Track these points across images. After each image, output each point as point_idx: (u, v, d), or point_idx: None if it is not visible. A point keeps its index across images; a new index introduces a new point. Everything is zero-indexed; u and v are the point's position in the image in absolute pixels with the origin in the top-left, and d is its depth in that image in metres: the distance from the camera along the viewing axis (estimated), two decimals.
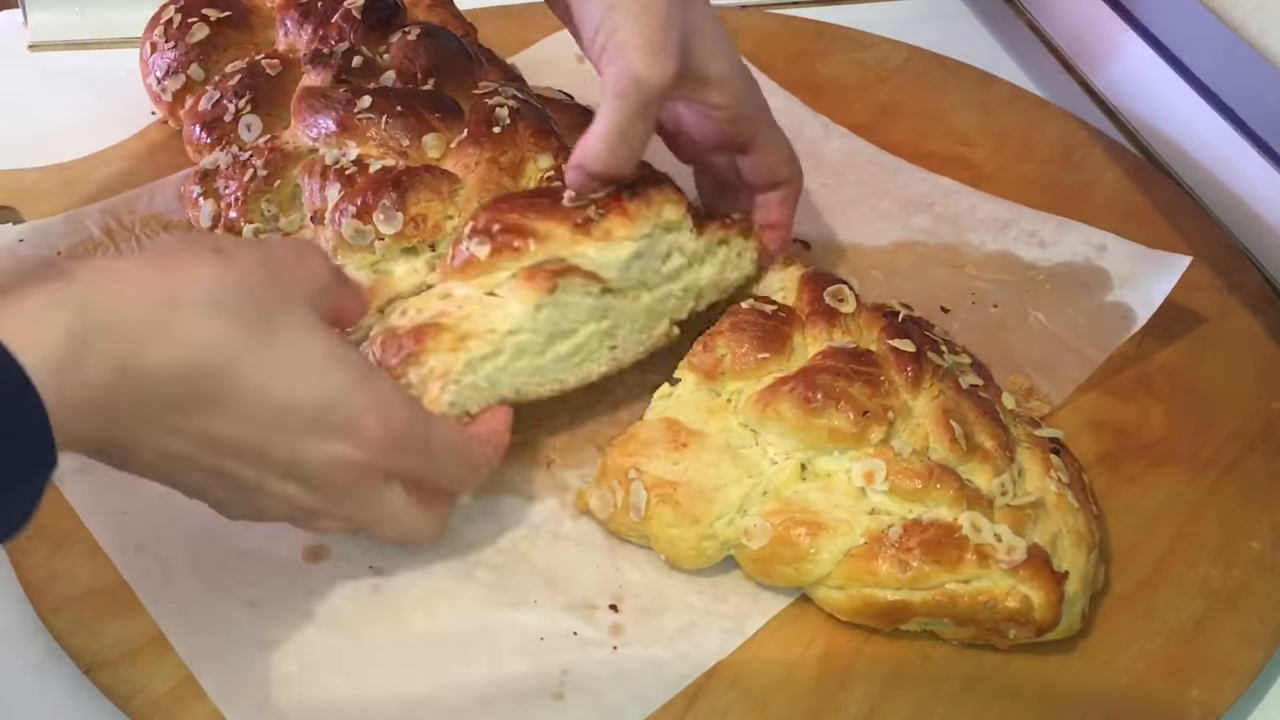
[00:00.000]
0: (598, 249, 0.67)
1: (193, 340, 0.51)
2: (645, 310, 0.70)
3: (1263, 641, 0.65)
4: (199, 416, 0.52)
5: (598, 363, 0.69)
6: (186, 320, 0.50)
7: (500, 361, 0.65)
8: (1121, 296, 0.83)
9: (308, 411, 0.54)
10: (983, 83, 1.04)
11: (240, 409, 0.53)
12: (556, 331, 0.67)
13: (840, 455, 0.66)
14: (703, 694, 0.62)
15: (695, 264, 0.71)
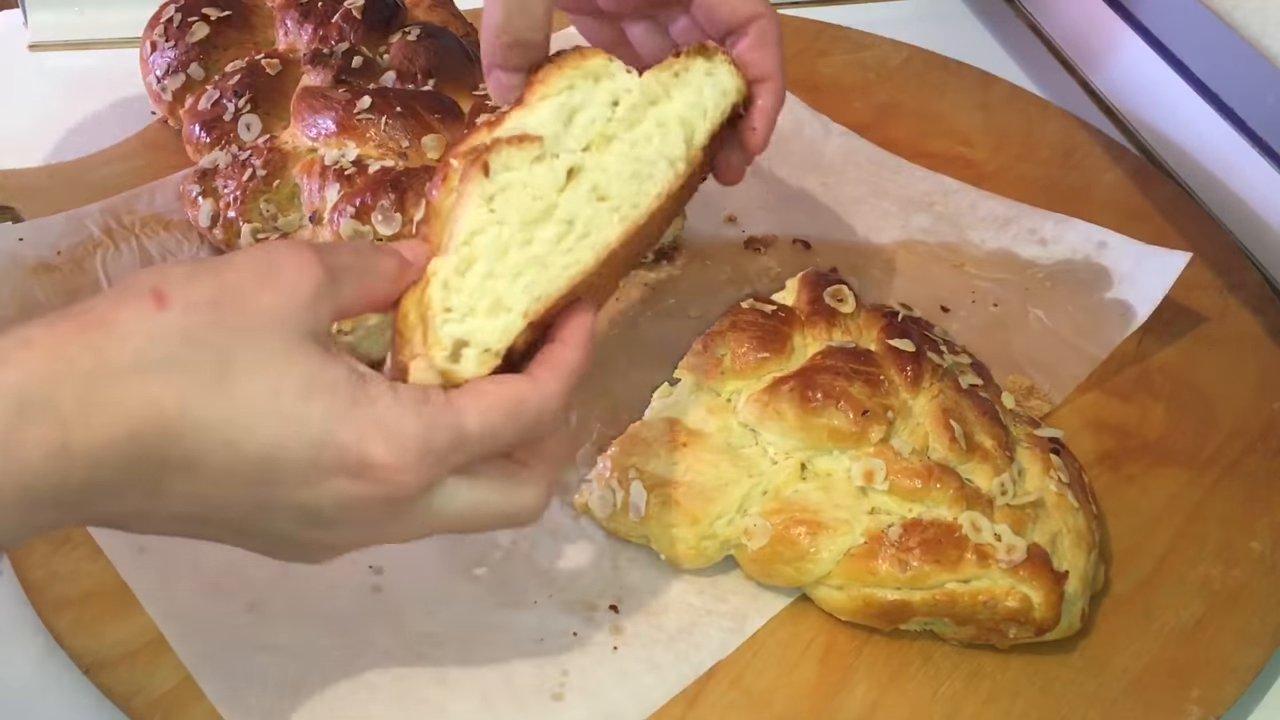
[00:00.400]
0: (516, 118, 0.59)
1: (127, 409, 0.44)
2: (628, 159, 0.61)
3: (1263, 641, 0.65)
4: (174, 482, 0.46)
5: (609, 226, 0.60)
6: (117, 387, 0.44)
7: (481, 268, 0.56)
8: (1122, 293, 0.83)
9: (293, 459, 0.47)
10: (983, 82, 1.04)
11: (215, 469, 0.46)
12: (529, 215, 0.58)
13: (840, 455, 0.65)
14: (703, 694, 0.62)
15: (659, 100, 0.62)
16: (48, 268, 0.80)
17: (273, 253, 0.50)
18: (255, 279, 0.48)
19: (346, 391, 0.48)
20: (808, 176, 0.93)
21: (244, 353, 0.46)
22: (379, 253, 0.53)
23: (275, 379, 0.47)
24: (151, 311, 0.46)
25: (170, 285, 0.47)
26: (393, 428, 0.48)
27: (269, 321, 0.47)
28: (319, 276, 0.49)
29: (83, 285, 0.79)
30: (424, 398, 0.50)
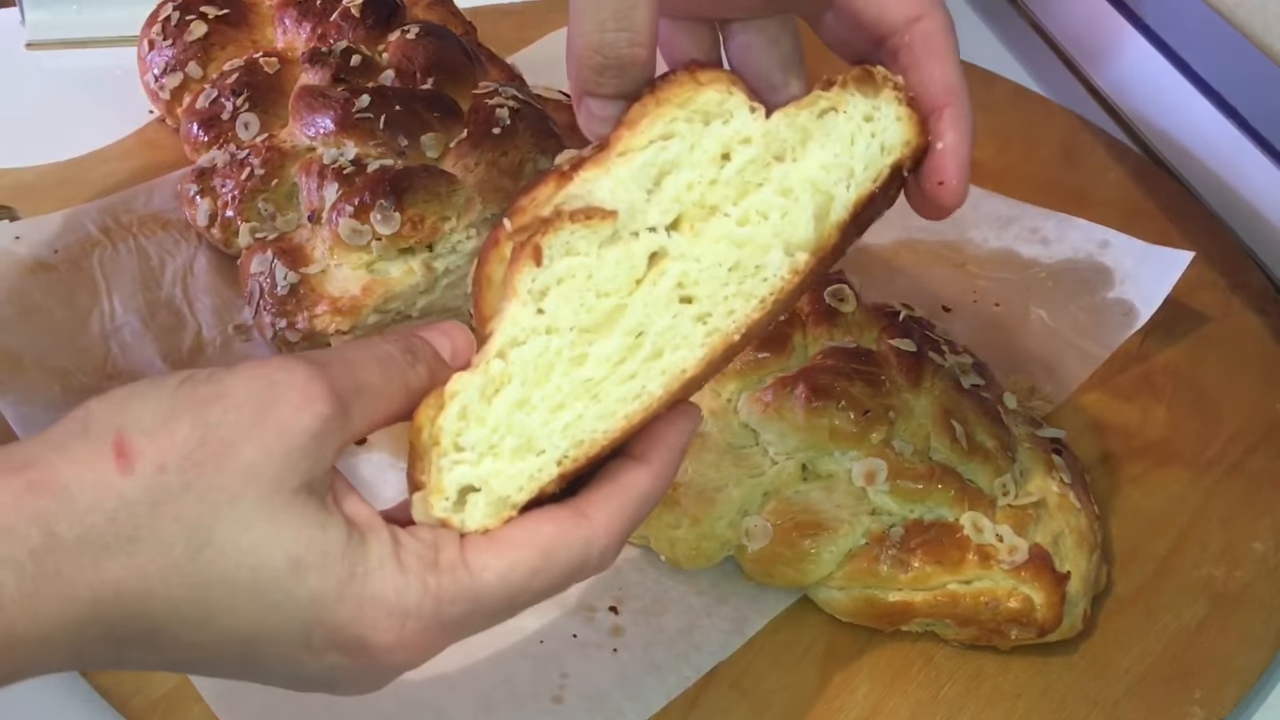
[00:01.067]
0: (588, 175, 0.45)
1: (80, 594, 0.38)
2: (727, 242, 0.46)
3: (1266, 642, 0.65)
4: (139, 654, 0.40)
5: (690, 346, 0.45)
6: (71, 567, 0.38)
7: (512, 395, 0.44)
8: (1124, 293, 0.82)
9: (277, 641, 0.41)
10: (985, 82, 1.03)
11: (186, 646, 0.40)
12: (587, 320, 0.44)
13: (841, 455, 0.65)
14: (703, 696, 0.62)
15: (787, 154, 0.46)
16: (45, 267, 0.80)
17: (274, 383, 0.41)
18: (246, 421, 0.40)
19: (341, 565, 0.41)
20: None
21: (221, 524, 0.39)
22: (409, 364, 0.44)
23: (258, 554, 0.40)
24: (113, 475, 0.38)
25: (137, 435, 0.39)
26: (395, 606, 0.41)
27: (254, 481, 0.40)
28: (326, 413, 0.41)
29: (80, 284, 0.79)
30: (433, 561, 0.42)
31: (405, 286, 0.73)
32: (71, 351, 0.75)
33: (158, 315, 0.78)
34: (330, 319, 0.73)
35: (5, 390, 0.73)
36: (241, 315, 0.78)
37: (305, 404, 0.41)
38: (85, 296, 0.79)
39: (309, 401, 0.41)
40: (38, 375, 0.74)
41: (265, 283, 0.75)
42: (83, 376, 0.74)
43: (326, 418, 0.41)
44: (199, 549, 0.39)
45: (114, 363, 0.75)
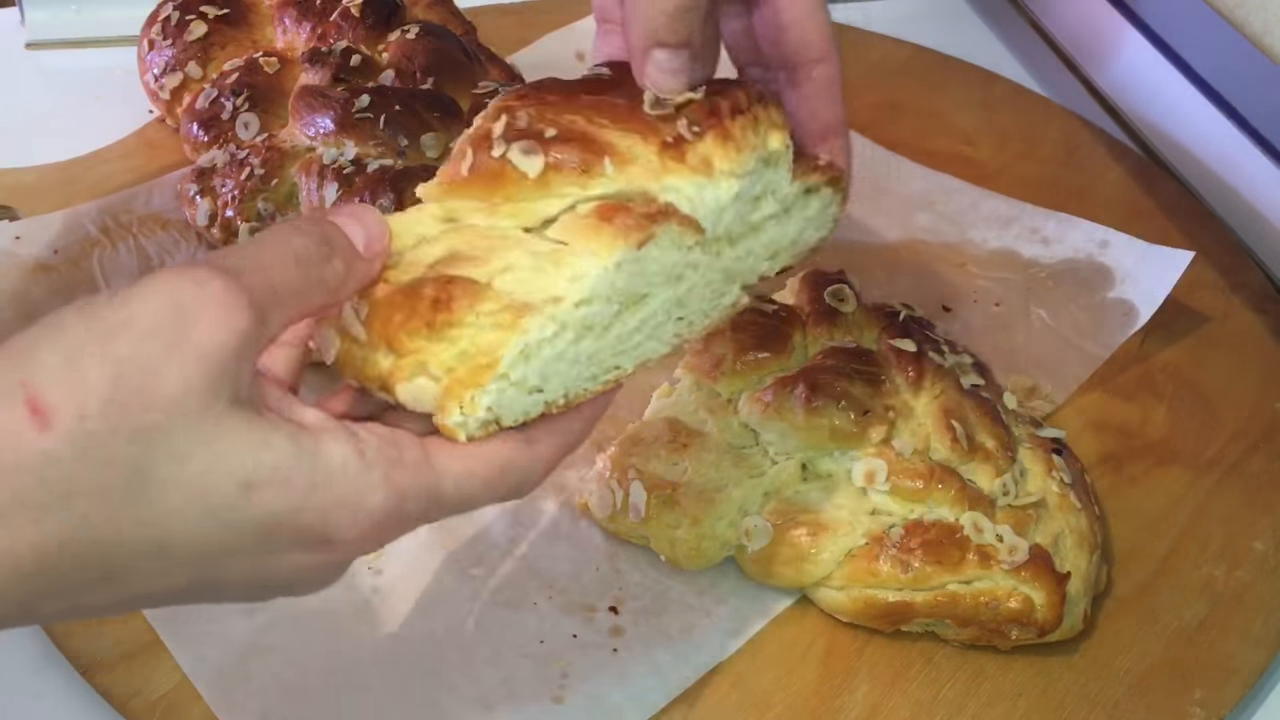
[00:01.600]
0: (695, 184, 0.49)
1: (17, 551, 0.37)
2: (722, 271, 0.53)
3: (1266, 642, 0.65)
4: (94, 595, 0.39)
5: (661, 340, 0.51)
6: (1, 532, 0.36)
7: (559, 346, 0.46)
8: (1124, 293, 0.82)
9: (240, 552, 0.40)
10: (984, 81, 1.03)
11: (143, 576, 0.39)
12: (628, 300, 0.49)
13: (841, 455, 0.65)
14: (703, 696, 0.62)
15: (783, 215, 0.54)
16: (45, 267, 0.80)
17: (184, 304, 0.38)
18: (159, 349, 0.38)
19: (298, 477, 0.40)
20: None
21: (158, 461, 0.38)
22: (326, 257, 0.43)
23: (203, 483, 0.39)
24: (32, 434, 0.36)
25: (47, 386, 0.37)
26: (359, 505, 0.41)
27: (181, 410, 0.38)
28: (245, 328, 0.39)
29: (80, 284, 0.79)
30: (398, 458, 0.43)
31: None
32: None
33: None
34: None
35: None
36: None
37: (223, 322, 0.39)
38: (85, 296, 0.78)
39: (226, 318, 0.39)
40: None
41: None
42: None
43: (246, 332, 0.39)
44: (140, 490, 0.38)
45: None
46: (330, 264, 0.43)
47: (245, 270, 0.40)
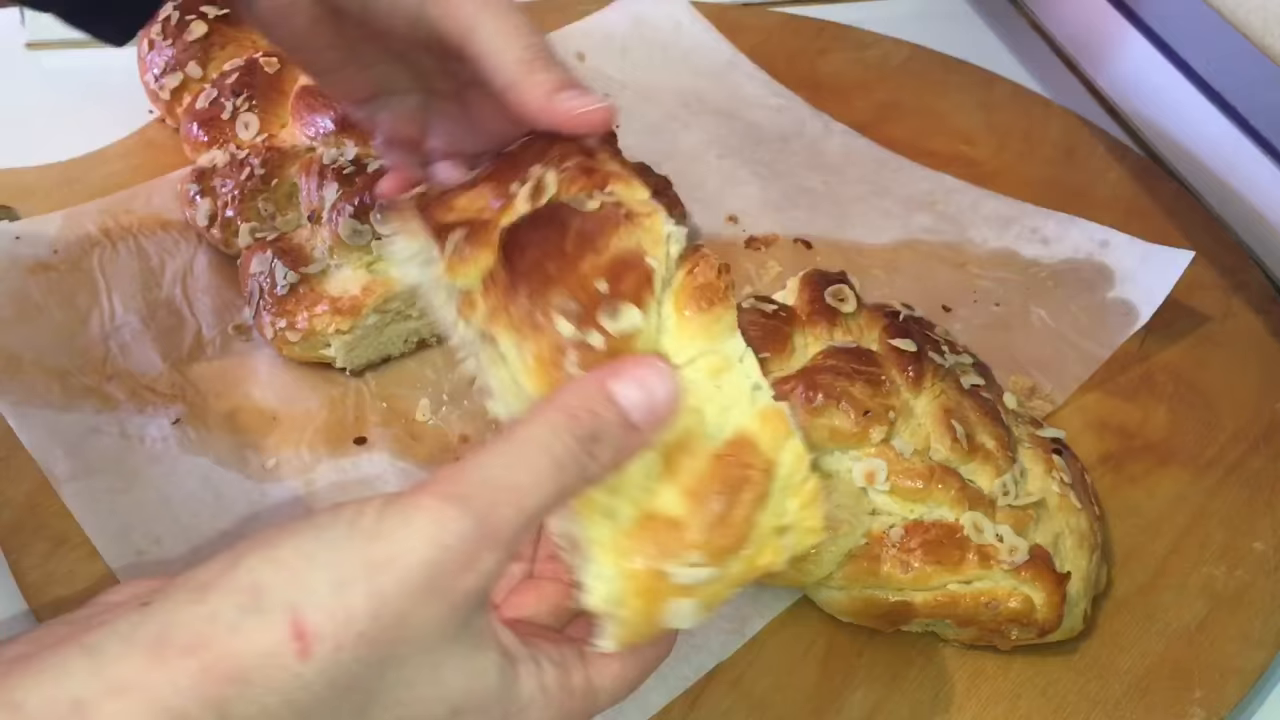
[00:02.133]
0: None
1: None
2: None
3: (1266, 642, 0.65)
4: None
5: None
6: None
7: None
8: (1124, 293, 0.82)
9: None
10: (984, 81, 1.03)
11: None
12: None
13: (841, 455, 0.65)
14: (704, 696, 0.62)
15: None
16: (45, 267, 0.80)
17: (446, 549, 0.39)
18: (418, 590, 0.39)
19: (497, 707, 0.42)
20: (809, 176, 0.92)
21: (390, 685, 0.39)
22: (589, 458, 0.41)
23: (420, 706, 0.40)
24: (292, 660, 0.37)
25: (313, 613, 0.37)
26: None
27: (422, 644, 0.39)
28: (491, 568, 0.40)
29: (80, 284, 0.79)
30: (569, 688, 0.45)
31: (406, 287, 0.73)
32: (71, 351, 0.75)
33: (158, 315, 0.78)
34: (330, 319, 0.73)
35: (5, 390, 0.73)
36: (241, 315, 0.78)
37: (468, 567, 0.39)
38: (85, 296, 0.79)
39: (471, 564, 0.39)
40: (38, 375, 0.74)
41: (265, 283, 0.75)
42: (83, 376, 0.74)
43: (491, 574, 0.40)
44: (365, 708, 0.39)
45: (114, 363, 0.75)
46: (595, 462, 0.42)
47: (500, 507, 0.40)
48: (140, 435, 0.71)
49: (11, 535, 0.66)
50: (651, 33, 1.03)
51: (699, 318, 0.45)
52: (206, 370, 0.75)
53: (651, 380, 0.42)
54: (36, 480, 0.68)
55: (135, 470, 0.69)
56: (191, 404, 0.73)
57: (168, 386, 0.74)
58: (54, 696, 0.35)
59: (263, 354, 0.76)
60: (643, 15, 1.04)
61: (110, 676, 0.36)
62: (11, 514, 0.67)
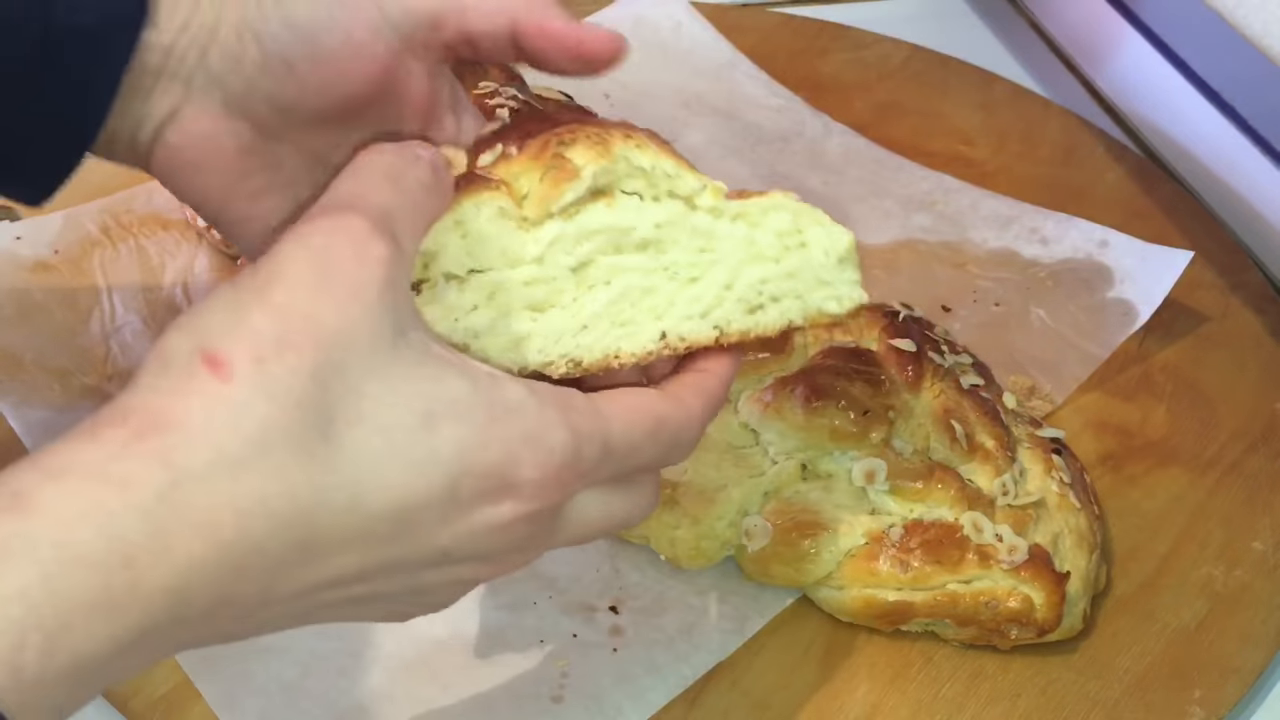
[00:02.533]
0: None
1: (221, 518, 0.35)
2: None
3: (1265, 642, 0.65)
4: (287, 580, 0.38)
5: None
6: (206, 496, 0.35)
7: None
8: (1124, 293, 0.82)
9: (429, 502, 0.39)
10: (984, 81, 1.03)
11: (338, 542, 0.38)
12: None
13: (841, 455, 0.65)
14: (703, 695, 0.62)
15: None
16: (45, 267, 0.80)
17: (318, 250, 0.39)
18: (313, 294, 0.38)
19: (480, 410, 0.40)
20: (808, 176, 0.92)
21: (338, 396, 0.37)
22: (412, 163, 0.43)
23: (384, 417, 0.38)
24: (216, 387, 0.36)
25: (220, 341, 0.37)
26: (541, 441, 0.41)
27: (351, 347, 0.38)
28: (383, 256, 0.39)
29: (80, 284, 0.79)
30: (569, 403, 0.43)
31: None
32: (71, 351, 0.75)
33: (158, 315, 0.78)
34: None
35: (5, 390, 0.73)
36: None
37: (360, 256, 0.39)
38: (85, 296, 0.79)
39: (361, 251, 0.39)
40: (38, 375, 0.74)
41: None
42: (83, 376, 0.74)
43: (385, 259, 0.39)
44: (326, 428, 0.37)
45: (114, 363, 0.75)
46: (418, 165, 0.43)
47: (355, 201, 0.41)
48: None
49: None
50: (651, 33, 1.03)
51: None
52: None
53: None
54: None
55: None
56: None
57: None
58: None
59: None
60: (643, 15, 1.04)
61: (46, 465, 0.35)
62: None
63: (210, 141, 0.49)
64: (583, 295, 0.48)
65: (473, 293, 0.46)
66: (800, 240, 0.51)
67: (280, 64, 0.48)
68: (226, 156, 0.50)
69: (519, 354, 0.46)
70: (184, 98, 0.49)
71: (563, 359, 0.47)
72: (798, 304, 0.51)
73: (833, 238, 0.52)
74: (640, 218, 0.48)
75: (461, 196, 0.46)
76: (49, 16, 0.46)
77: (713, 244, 0.49)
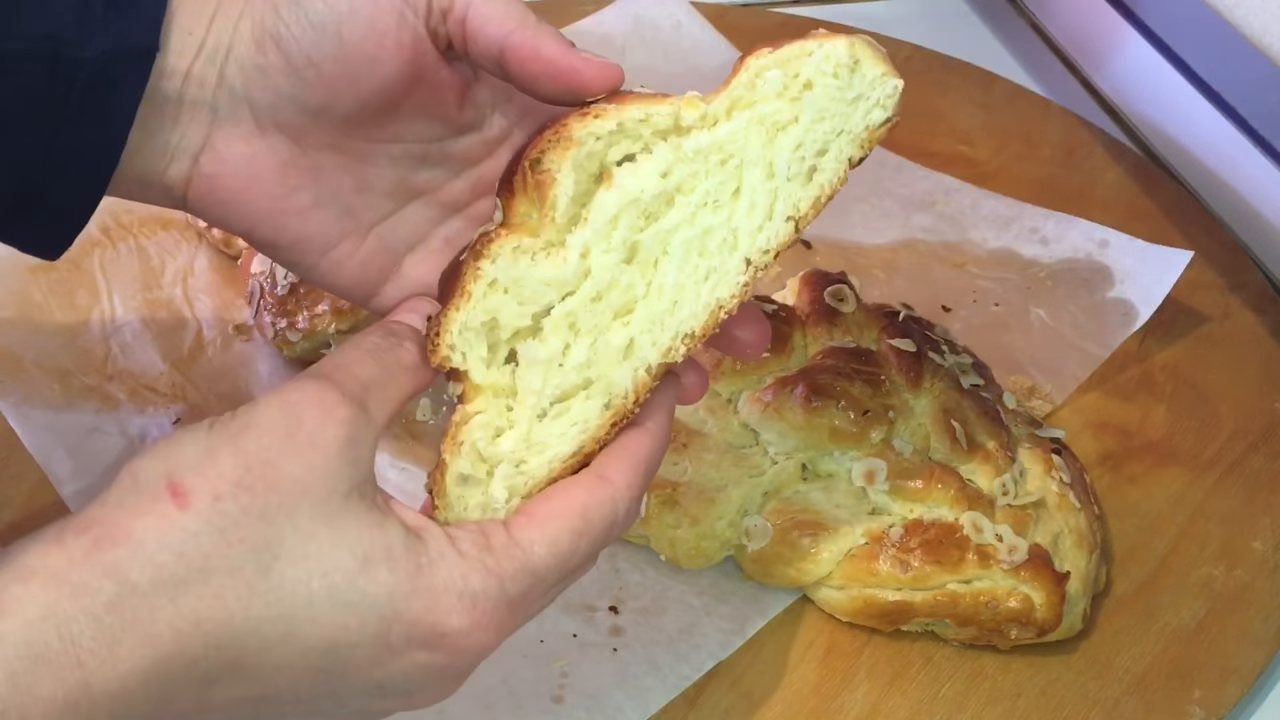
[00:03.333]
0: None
1: (160, 632, 0.39)
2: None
3: (1265, 642, 0.65)
4: (222, 690, 0.41)
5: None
6: (148, 609, 0.38)
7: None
8: (1123, 292, 0.82)
9: (360, 642, 0.42)
10: (984, 81, 1.03)
11: (270, 667, 0.41)
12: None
13: (841, 455, 0.65)
14: (703, 695, 0.62)
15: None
16: (45, 267, 0.80)
17: (293, 404, 0.42)
18: (279, 443, 0.42)
19: (406, 560, 0.42)
20: None
21: (286, 538, 0.41)
22: (396, 344, 0.47)
23: (326, 559, 0.41)
24: (174, 514, 0.40)
25: (186, 475, 0.40)
26: (463, 590, 0.43)
27: (306, 494, 0.41)
28: (348, 417, 0.43)
29: (80, 284, 0.79)
30: (486, 545, 0.44)
31: None
32: (71, 351, 0.75)
33: (158, 315, 0.78)
34: (330, 319, 0.73)
35: (5, 390, 0.73)
36: (241, 315, 0.78)
37: (326, 414, 0.42)
38: (85, 296, 0.79)
39: (328, 410, 0.43)
40: (38, 375, 0.74)
41: (265, 283, 0.75)
42: (83, 376, 0.74)
43: (352, 423, 0.43)
44: (269, 565, 0.40)
45: (114, 363, 0.75)
46: (402, 347, 0.47)
47: (331, 372, 0.44)
48: (140, 435, 0.71)
49: (11, 535, 0.66)
50: (651, 33, 1.03)
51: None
52: (206, 370, 0.75)
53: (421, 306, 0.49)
54: (36, 480, 0.69)
55: None
56: (191, 404, 0.73)
57: (168, 386, 0.74)
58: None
59: (263, 354, 0.76)
60: (643, 15, 1.04)
61: (17, 566, 0.38)
62: (11, 514, 0.67)
63: (249, 163, 0.49)
64: (653, 276, 0.47)
65: (555, 336, 0.46)
66: (802, 82, 0.47)
67: (306, 65, 0.47)
68: (268, 175, 0.50)
69: (637, 360, 0.47)
70: (212, 123, 0.49)
71: (678, 341, 0.47)
72: (846, 138, 0.48)
73: (830, 56, 0.47)
74: (642, 178, 0.46)
75: (474, 261, 0.46)
76: (57, 50, 0.46)
77: (727, 149, 0.47)
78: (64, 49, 0.46)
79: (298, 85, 0.48)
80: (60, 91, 0.46)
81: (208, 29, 0.47)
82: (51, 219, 0.50)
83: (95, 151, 0.47)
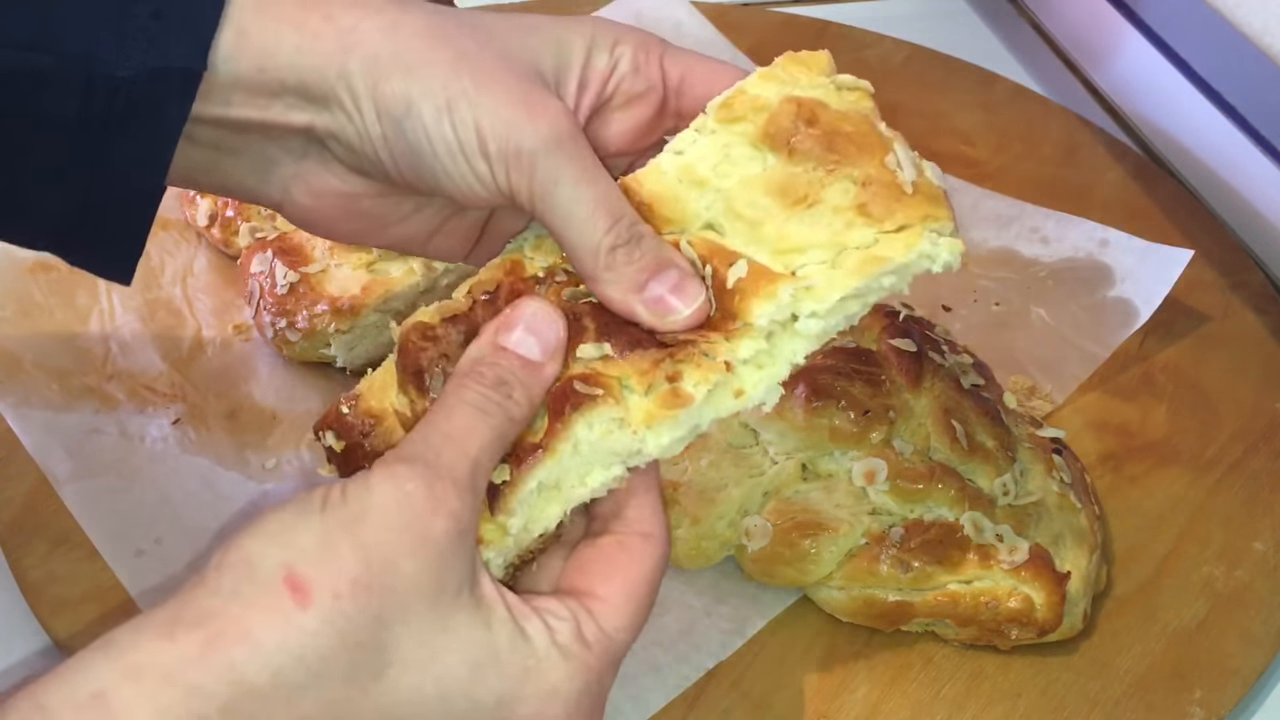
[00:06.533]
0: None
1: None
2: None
3: (1265, 642, 0.65)
4: None
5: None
6: (259, 716, 0.38)
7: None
8: (1124, 292, 0.82)
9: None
10: (984, 81, 1.03)
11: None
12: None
13: (841, 455, 0.65)
14: (703, 696, 0.62)
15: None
16: (45, 267, 0.80)
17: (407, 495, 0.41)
18: (395, 538, 0.40)
19: (513, 663, 0.42)
20: None
21: (400, 643, 0.40)
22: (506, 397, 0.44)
23: (438, 666, 0.41)
24: (294, 612, 0.38)
25: (305, 567, 0.39)
26: (568, 694, 0.43)
27: (420, 595, 0.41)
28: (458, 511, 0.42)
29: (80, 284, 0.79)
30: (581, 638, 0.44)
31: (405, 286, 0.73)
32: (71, 351, 0.75)
33: (158, 315, 0.78)
34: (330, 319, 0.73)
35: (5, 390, 0.73)
36: (241, 315, 0.78)
37: (438, 507, 0.41)
38: (85, 296, 0.79)
39: (439, 503, 0.41)
40: (38, 375, 0.74)
41: (265, 282, 0.75)
42: (82, 376, 0.74)
43: (459, 514, 0.42)
44: (383, 670, 0.40)
45: (113, 362, 0.75)
46: (512, 399, 0.45)
47: (445, 447, 0.43)
48: (140, 435, 0.71)
49: (11, 535, 0.66)
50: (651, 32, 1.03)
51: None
52: (206, 370, 0.75)
53: (537, 320, 0.46)
54: (36, 480, 0.69)
55: (135, 470, 0.69)
56: (191, 404, 0.73)
57: (168, 386, 0.74)
58: (74, 693, 0.37)
59: (263, 354, 0.76)
60: (643, 15, 1.04)
61: (125, 664, 0.37)
62: (11, 514, 0.67)
63: (338, 199, 0.50)
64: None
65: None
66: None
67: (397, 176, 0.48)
68: (360, 204, 0.50)
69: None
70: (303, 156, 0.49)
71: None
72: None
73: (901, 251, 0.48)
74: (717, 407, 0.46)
75: (574, 415, 0.45)
76: (91, 69, 0.45)
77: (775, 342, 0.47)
78: (98, 67, 0.45)
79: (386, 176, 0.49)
80: (99, 111, 0.46)
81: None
82: (109, 240, 0.50)
83: (140, 173, 0.47)
